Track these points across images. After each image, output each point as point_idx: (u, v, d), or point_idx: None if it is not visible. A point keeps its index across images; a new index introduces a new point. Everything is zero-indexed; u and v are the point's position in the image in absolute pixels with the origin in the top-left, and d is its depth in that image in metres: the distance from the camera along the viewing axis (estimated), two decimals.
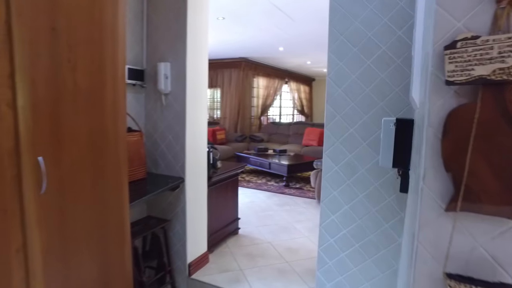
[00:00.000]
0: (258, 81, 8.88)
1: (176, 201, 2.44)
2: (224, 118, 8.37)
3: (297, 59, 8.25)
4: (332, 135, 1.89)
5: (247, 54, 7.57)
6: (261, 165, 5.85)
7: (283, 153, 6.36)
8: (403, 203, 1.76)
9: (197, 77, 2.47)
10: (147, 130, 2.50)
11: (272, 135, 8.28)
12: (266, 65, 9.00)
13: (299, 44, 6.31)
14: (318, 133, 7.44)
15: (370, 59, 1.76)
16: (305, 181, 5.84)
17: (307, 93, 12.28)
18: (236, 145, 7.40)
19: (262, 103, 9.17)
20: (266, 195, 4.93)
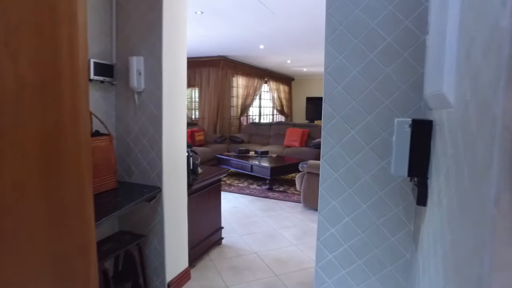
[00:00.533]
0: (237, 80, 8.63)
1: (152, 213, 2.16)
2: (203, 119, 8.07)
3: (278, 58, 8.06)
4: (331, 138, 1.68)
5: (226, 52, 7.31)
6: (243, 167, 5.61)
7: (265, 155, 6.14)
8: (412, 214, 1.57)
9: (175, 74, 2.20)
10: (118, 133, 2.20)
11: (253, 136, 8.05)
12: (246, 64, 8.76)
13: (281, 42, 6.11)
14: (300, 133, 7.27)
15: (374, 52, 1.55)
16: (288, 184, 5.64)
17: (286, 93, 12.14)
18: (216, 146, 7.12)
19: (242, 103, 8.92)
20: (249, 199, 4.69)
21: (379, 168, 1.59)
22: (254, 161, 5.60)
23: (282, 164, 5.38)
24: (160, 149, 2.09)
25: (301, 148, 6.95)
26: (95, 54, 1.99)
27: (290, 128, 7.59)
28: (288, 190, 5.24)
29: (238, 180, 5.84)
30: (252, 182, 5.70)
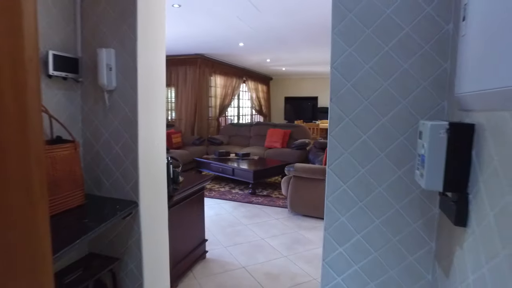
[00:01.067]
0: (215, 79, 8.33)
1: (128, 232, 1.86)
2: (180, 120, 7.71)
3: (257, 57, 7.83)
4: (339, 144, 1.45)
5: (204, 50, 6.99)
6: (224, 171, 5.33)
7: (247, 157, 5.88)
8: (434, 230, 1.36)
9: (152, 70, 1.91)
10: (86, 139, 1.89)
11: (232, 137, 7.78)
12: (224, 62, 8.48)
13: (262, 40, 5.87)
14: (281, 134, 7.06)
15: (389, 44, 1.34)
16: (272, 187, 5.41)
17: (265, 93, 11.94)
18: (194, 149, 6.79)
19: (220, 103, 8.63)
20: (232, 205, 4.42)
21: (395, 178, 1.38)
22: (235, 164, 5.34)
23: (265, 167, 5.15)
24: (135, 157, 1.79)
25: (283, 150, 6.75)
26: (56, 45, 1.67)
27: (271, 128, 7.38)
28: (272, 194, 5.01)
29: (219, 184, 5.55)
30: (233, 186, 5.43)
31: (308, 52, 7.14)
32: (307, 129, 7.44)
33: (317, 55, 7.62)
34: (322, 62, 8.68)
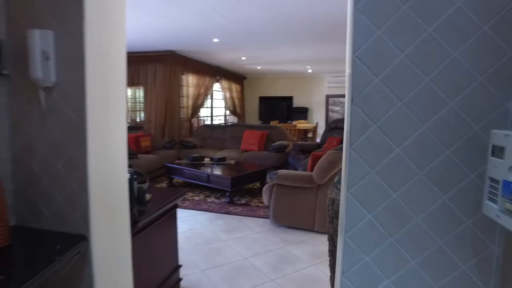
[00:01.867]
0: (187, 78, 7.82)
1: (76, 276, 1.40)
2: (149, 122, 7.16)
3: (232, 54, 7.41)
4: (363, 160, 1.07)
5: (175, 46, 6.49)
6: (198, 178, 4.88)
7: (222, 162, 5.46)
8: (491, 274, 1.03)
9: (108, 60, 1.47)
10: (15, 153, 1.41)
11: (206, 140, 7.31)
12: (197, 60, 7.99)
13: (237, 35, 5.47)
14: (258, 136, 6.69)
15: (433, 25, 0.98)
16: (250, 194, 5.02)
17: (238, 92, 11.54)
18: (165, 153, 6.28)
19: (193, 103, 8.14)
20: (208, 217, 3.99)
21: (438, 204, 1.03)
22: (210, 170, 4.90)
23: (243, 173, 4.75)
24: (84, 176, 1.34)
25: (260, 153, 6.38)
26: None
27: (247, 130, 6.99)
28: (251, 202, 4.62)
29: (193, 192, 5.09)
30: (208, 194, 4.99)
31: (285, 49, 6.81)
32: (285, 131, 7.12)
33: (294, 53, 7.31)
34: (299, 61, 8.40)
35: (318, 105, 11.83)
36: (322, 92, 11.70)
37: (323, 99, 11.74)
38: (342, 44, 4.96)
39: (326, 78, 11.49)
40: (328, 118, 11.71)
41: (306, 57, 7.78)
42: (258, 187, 5.25)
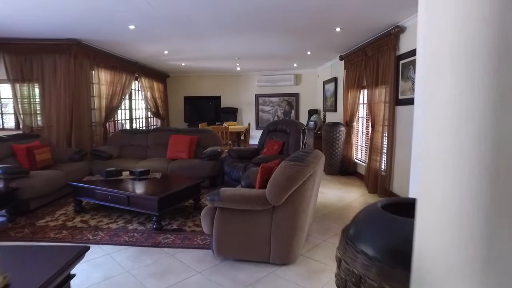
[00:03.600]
0: (99, 74, 6.57)
1: None
2: (50, 128, 5.77)
3: (152, 47, 6.39)
4: None
5: (80, 33, 5.26)
6: (115, 200, 3.85)
7: (146, 176, 4.49)
8: None
9: None
10: None
11: (125, 147, 6.18)
12: (110, 53, 6.77)
13: (159, 22, 4.55)
14: (187, 141, 5.82)
15: None
16: (182, 214, 4.16)
17: (161, 92, 10.42)
18: (72, 167, 5.04)
19: (107, 104, 6.89)
20: (130, 254, 3.06)
21: None
22: (131, 189, 3.92)
23: (173, 190, 3.86)
24: None
25: (191, 161, 5.52)
26: None
27: (174, 135, 6.06)
28: (185, 225, 3.78)
29: (109, 217, 4.04)
30: (130, 218, 4.00)
31: (214, 42, 6.04)
32: (217, 134, 6.35)
33: (224, 47, 6.59)
34: (228, 57, 7.70)
35: (248, 105, 11.29)
36: (252, 92, 11.19)
37: (252, 98, 11.23)
38: (283, 36, 4.33)
39: (255, 76, 10.99)
40: (258, 118, 11.25)
41: (236, 52, 7.12)
42: (192, 205, 4.42)
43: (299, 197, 2.75)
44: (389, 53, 4.86)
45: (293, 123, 5.32)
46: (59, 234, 3.48)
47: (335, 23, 4.74)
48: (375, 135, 5.34)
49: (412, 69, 4.36)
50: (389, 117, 4.94)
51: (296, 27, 4.93)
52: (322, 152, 3.18)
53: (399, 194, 4.77)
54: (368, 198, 5.01)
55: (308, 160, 2.79)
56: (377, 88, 5.28)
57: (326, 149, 6.65)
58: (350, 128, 6.63)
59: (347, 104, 6.73)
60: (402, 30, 4.64)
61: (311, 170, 2.75)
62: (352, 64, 6.54)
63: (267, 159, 4.69)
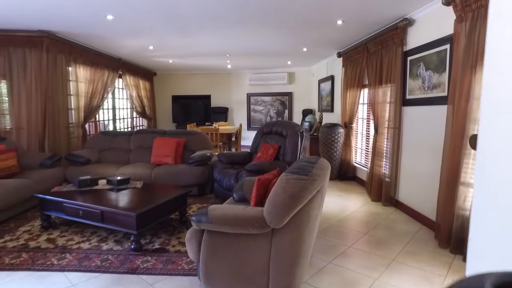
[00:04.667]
0: (77, 71, 6.00)
1: None
2: (19, 129, 5.19)
3: (136, 41, 5.85)
4: None
5: (52, 25, 4.70)
6: (87, 215, 3.33)
7: (125, 186, 3.97)
8: None
9: None
10: None
11: (104, 152, 5.63)
12: (88, 47, 6.20)
13: (141, 11, 4.03)
14: (173, 145, 5.31)
15: None
16: (166, 230, 3.66)
17: (147, 91, 9.86)
18: (42, 175, 4.49)
19: (86, 103, 6.33)
20: (100, 284, 2.55)
21: None
22: (106, 202, 3.40)
23: (154, 203, 3.35)
24: None
25: (177, 167, 5.02)
26: None
27: (159, 137, 5.54)
28: (169, 244, 3.28)
29: (81, 234, 3.52)
30: (105, 235, 3.49)
31: (204, 36, 5.54)
32: (206, 137, 5.84)
33: (214, 42, 6.09)
34: (219, 53, 7.20)
35: (239, 104, 10.81)
36: (243, 90, 10.71)
37: (244, 97, 10.75)
38: (279, 30, 3.59)
39: (247, 74, 10.51)
40: (250, 118, 10.77)
41: (227, 48, 6.62)
42: (177, 218, 3.92)
43: (304, 218, 2.27)
44: (395, 49, 4.43)
45: (289, 125, 4.85)
46: (16, 259, 2.93)
47: (336, 15, 4.28)
48: (378, 138, 4.91)
49: (422, 66, 3.93)
50: (395, 118, 4.51)
51: (294, 20, 4.46)
52: (326, 161, 2.72)
53: (406, 203, 4.35)
54: (372, 208, 4.58)
55: (314, 173, 2.32)
56: (381, 87, 4.85)
57: (324, 153, 6.21)
58: (349, 130, 6.19)
59: (345, 104, 6.29)
60: (411, 23, 4.21)
61: (319, 185, 2.28)
62: (351, 61, 6.11)
63: (261, 166, 4.22)
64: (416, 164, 4.14)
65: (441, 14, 3.56)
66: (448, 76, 3.45)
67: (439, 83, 3.63)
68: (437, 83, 3.66)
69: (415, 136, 4.15)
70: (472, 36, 2.94)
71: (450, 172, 3.19)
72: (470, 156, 3.02)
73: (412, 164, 4.22)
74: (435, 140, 3.70)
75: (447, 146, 3.30)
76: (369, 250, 3.22)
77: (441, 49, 3.57)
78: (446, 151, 3.30)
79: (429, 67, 3.80)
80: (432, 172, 3.76)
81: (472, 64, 2.94)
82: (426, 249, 3.25)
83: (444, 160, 3.35)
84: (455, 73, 3.17)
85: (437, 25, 3.66)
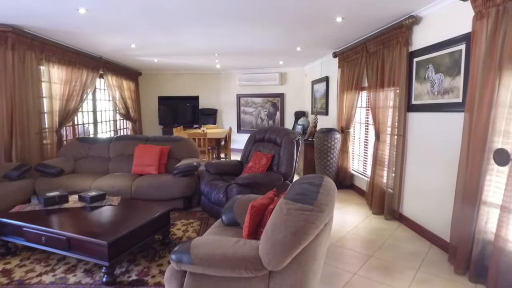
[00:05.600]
0: (50, 70, 5.47)
1: None
2: None
3: (115, 38, 5.35)
4: None
5: (17, 18, 4.18)
6: (51, 242, 2.84)
7: (99, 203, 3.50)
8: None
9: None
10: None
11: (81, 160, 5.13)
12: (65, 45, 5.67)
13: (117, 3, 3.55)
14: (156, 153, 4.85)
15: None
16: (146, 255, 3.21)
17: (132, 91, 9.33)
18: (6, 188, 3.98)
19: (62, 107, 5.80)
20: None
21: None
22: (75, 225, 2.93)
23: (131, 227, 2.88)
24: None
25: (160, 177, 4.55)
26: None
27: (141, 144, 5.07)
28: (148, 273, 2.83)
29: (45, 262, 3.04)
30: (74, 263, 3.01)
31: (191, 34, 5.09)
32: (193, 144, 5.37)
33: (201, 41, 5.63)
34: (207, 52, 6.74)
35: (228, 106, 10.36)
36: (233, 91, 10.26)
37: (233, 99, 10.30)
38: (272, 28, 3.04)
39: (237, 75, 10.06)
40: (240, 120, 10.33)
41: (216, 47, 6.17)
42: (159, 239, 3.47)
43: (309, 257, 1.85)
44: (400, 49, 4.04)
45: (284, 132, 4.42)
46: None
47: (336, 11, 3.88)
48: (380, 146, 4.53)
49: (431, 68, 3.56)
50: (398, 125, 4.14)
51: (289, 16, 4.04)
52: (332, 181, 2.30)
53: (411, 217, 3.98)
54: (374, 222, 4.20)
55: (321, 201, 1.89)
56: (382, 90, 4.46)
57: (319, 160, 5.81)
58: (346, 135, 5.81)
59: (342, 108, 5.90)
60: (417, 21, 3.84)
61: (326, 217, 1.86)
62: (348, 62, 5.72)
63: (254, 179, 3.79)
64: (423, 175, 3.76)
65: (454, 11, 3.19)
66: (464, 80, 3.07)
67: (451, 88, 3.25)
68: (450, 88, 3.28)
69: (422, 145, 3.78)
70: (496, 35, 2.56)
71: (469, 189, 2.81)
72: (494, 172, 2.65)
73: (419, 176, 3.85)
74: (447, 151, 3.32)
75: (463, 159, 2.92)
76: (378, 278, 2.83)
77: (454, 50, 3.20)
78: (463, 164, 2.93)
79: (440, 69, 3.42)
80: (443, 186, 3.39)
81: (496, 67, 2.56)
82: (441, 276, 2.87)
83: (460, 174, 2.97)
84: (473, 77, 2.79)
85: (449, 23, 3.29)
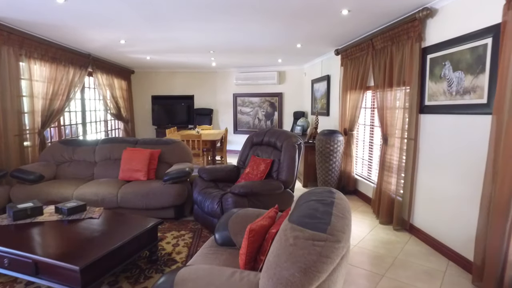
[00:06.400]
0: (31, 67, 5.06)
1: None
2: None
3: (103, 34, 4.96)
4: None
5: None
6: (15, 266, 2.45)
7: (78, 216, 3.12)
8: None
9: None
10: None
11: (64, 165, 4.74)
12: (48, 40, 5.27)
13: None
14: (146, 156, 4.47)
15: None
16: (128, 273, 2.83)
17: (124, 90, 8.92)
18: None
19: (45, 106, 5.40)
20: None
21: None
22: (45, 245, 2.54)
23: (111, 248, 2.50)
24: None
25: (149, 184, 4.17)
26: None
27: (130, 148, 4.69)
28: None
29: (10, 286, 2.65)
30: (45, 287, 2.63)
31: (184, 30, 4.71)
32: (186, 147, 4.99)
33: (198, 37, 5.25)
34: (201, 49, 6.36)
35: (225, 105, 9.98)
36: (229, 90, 9.88)
37: (230, 98, 9.92)
38: (271, 22, 2.56)
39: (233, 73, 9.68)
40: (237, 121, 9.95)
41: (211, 43, 5.79)
42: (146, 256, 3.09)
43: None
44: (411, 45, 3.69)
45: (285, 135, 4.05)
46: None
47: (342, 3, 3.51)
48: (388, 150, 4.17)
49: (449, 65, 3.20)
50: (409, 128, 3.78)
51: (290, 9, 3.67)
52: (345, 198, 1.94)
53: (424, 229, 3.62)
54: (382, 234, 3.84)
55: (335, 225, 1.52)
56: (391, 90, 4.11)
57: (321, 163, 5.45)
58: (349, 138, 5.45)
59: (345, 109, 5.55)
60: (432, 14, 3.48)
61: (343, 249, 1.49)
62: (352, 60, 5.36)
63: (251, 188, 3.41)
64: (437, 183, 3.41)
65: (478, 0, 2.83)
66: (490, 79, 2.72)
67: (473, 87, 2.90)
68: (471, 87, 2.93)
69: (437, 150, 3.42)
70: None
71: (499, 201, 2.46)
72: None
73: (433, 184, 3.50)
74: (467, 157, 2.97)
75: (489, 167, 2.57)
76: None
77: (478, 45, 2.84)
78: (489, 172, 2.58)
79: (459, 67, 3.07)
80: (461, 194, 3.04)
81: None
82: None
83: (486, 184, 2.62)
84: (503, 74, 2.44)
85: (471, 15, 2.93)
